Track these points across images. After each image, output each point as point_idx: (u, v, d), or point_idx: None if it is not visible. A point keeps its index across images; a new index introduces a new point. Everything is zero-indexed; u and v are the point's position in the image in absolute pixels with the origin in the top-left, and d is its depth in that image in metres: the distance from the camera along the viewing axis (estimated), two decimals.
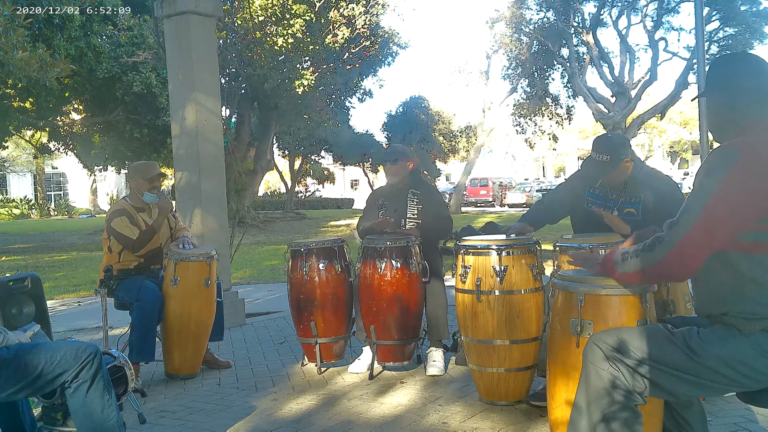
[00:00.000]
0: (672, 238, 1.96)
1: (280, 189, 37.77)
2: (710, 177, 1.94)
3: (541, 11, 24.29)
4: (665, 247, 1.97)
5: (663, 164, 48.53)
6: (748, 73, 2.06)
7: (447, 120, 36.09)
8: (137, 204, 4.32)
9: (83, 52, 12.71)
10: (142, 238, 4.16)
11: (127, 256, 4.23)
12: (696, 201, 1.94)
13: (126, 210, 4.25)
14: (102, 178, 39.52)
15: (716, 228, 1.92)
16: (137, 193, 4.32)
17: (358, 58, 18.70)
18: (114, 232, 4.18)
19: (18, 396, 2.44)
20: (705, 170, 1.97)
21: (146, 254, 4.25)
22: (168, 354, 4.24)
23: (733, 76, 2.07)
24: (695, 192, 1.96)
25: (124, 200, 4.39)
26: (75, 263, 12.71)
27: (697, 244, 1.94)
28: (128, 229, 4.17)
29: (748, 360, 1.94)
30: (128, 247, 4.17)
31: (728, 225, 1.91)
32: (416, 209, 4.28)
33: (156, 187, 4.32)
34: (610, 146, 3.42)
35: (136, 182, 4.32)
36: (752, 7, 21.39)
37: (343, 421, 3.33)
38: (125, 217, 4.20)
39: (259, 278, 9.63)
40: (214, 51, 5.89)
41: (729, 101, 2.06)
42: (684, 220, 1.95)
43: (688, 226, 1.94)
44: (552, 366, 2.45)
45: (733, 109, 2.05)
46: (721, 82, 2.10)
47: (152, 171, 4.33)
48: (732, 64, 2.13)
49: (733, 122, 2.05)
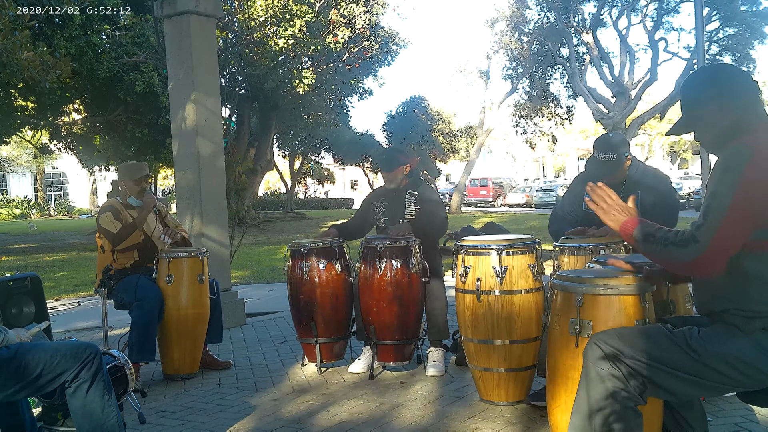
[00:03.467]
0: (704, 239, 1.90)
1: (280, 189, 37.77)
2: (728, 175, 1.91)
3: (542, 11, 24.31)
4: (699, 249, 1.91)
5: (663, 164, 48.51)
6: (741, 77, 2.09)
7: (447, 120, 36.10)
8: (126, 201, 4.35)
9: (83, 51, 12.70)
10: (121, 232, 4.18)
11: (121, 256, 4.24)
12: (718, 201, 1.91)
13: (113, 206, 4.28)
14: (102, 178, 39.47)
15: (741, 226, 1.90)
16: (126, 193, 4.35)
17: (358, 58, 18.68)
18: (100, 228, 4.23)
19: (18, 396, 2.44)
20: (722, 169, 1.95)
21: (136, 249, 4.26)
22: (166, 354, 4.24)
23: (729, 81, 2.08)
24: (715, 193, 1.93)
25: (115, 198, 4.42)
26: (75, 263, 12.71)
27: (727, 245, 1.91)
28: (111, 224, 4.20)
29: (749, 359, 1.94)
30: (110, 241, 4.20)
31: (750, 222, 1.89)
32: (414, 210, 4.28)
33: (142, 188, 4.34)
34: (613, 145, 3.46)
35: (124, 183, 4.35)
36: (752, 7, 21.41)
37: (343, 421, 3.33)
38: (110, 213, 4.23)
39: (259, 278, 9.63)
40: (214, 51, 5.89)
41: (726, 107, 2.05)
42: (711, 222, 1.91)
43: (716, 228, 1.89)
44: (551, 366, 2.45)
45: (731, 115, 2.04)
46: (716, 91, 2.08)
47: (139, 172, 4.34)
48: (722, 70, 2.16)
49: (732, 127, 2.04)
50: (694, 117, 2.13)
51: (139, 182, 4.32)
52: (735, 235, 1.90)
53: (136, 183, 4.31)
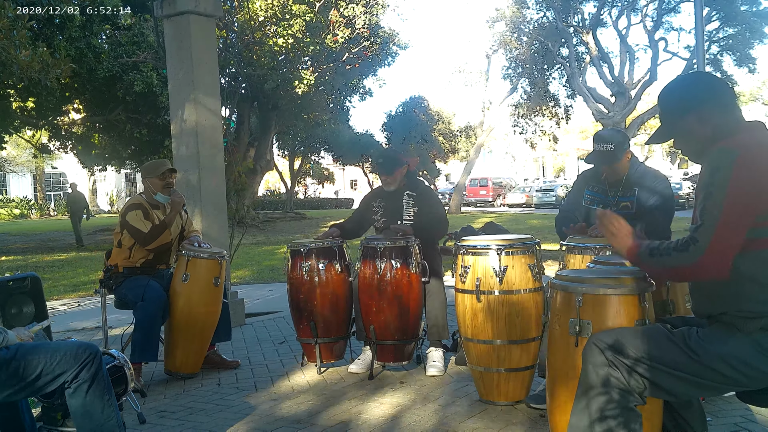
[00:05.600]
0: (704, 239, 1.92)
1: (279, 189, 37.77)
2: (718, 175, 1.92)
3: (541, 11, 24.32)
4: (700, 249, 1.92)
5: (663, 164, 48.55)
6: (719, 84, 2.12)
7: (447, 120, 36.09)
8: (152, 201, 4.34)
9: (83, 52, 12.71)
10: (153, 232, 4.17)
11: (136, 253, 4.22)
12: (712, 201, 1.91)
13: (142, 205, 4.27)
14: (102, 178, 39.55)
15: (739, 223, 1.90)
16: (150, 191, 4.34)
17: (358, 58, 18.69)
18: (128, 225, 4.18)
19: (18, 396, 2.44)
20: (710, 170, 1.95)
21: (155, 251, 4.25)
22: (170, 351, 4.24)
23: (710, 89, 2.10)
24: (708, 193, 1.93)
25: (140, 196, 4.42)
26: (75, 263, 12.72)
27: (727, 242, 1.91)
28: (141, 222, 4.18)
29: (748, 359, 1.94)
30: (139, 241, 4.17)
31: (747, 218, 1.90)
32: (412, 211, 4.28)
33: (169, 183, 4.32)
34: (612, 136, 3.55)
35: (149, 181, 4.34)
36: (752, 7, 21.42)
37: (343, 421, 3.33)
38: (140, 211, 4.21)
39: (259, 278, 9.63)
40: (214, 51, 5.89)
41: (706, 116, 2.06)
42: (708, 221, 1.92)
43: (714, 227, 1.90)
44: (551, 366, 2.45)
45: (712, 122, 2.06)
46: (696, 99, 2.09)
47: (162, 168, 4.33)
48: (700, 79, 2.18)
49: (714, 133, 2.05)
50: (673, 127, 2.15)
51: (163, 177, 4.30)
52: (734, 232, 1.91)
53: (161, 178, 4.29)
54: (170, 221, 4.24)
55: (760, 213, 1.90)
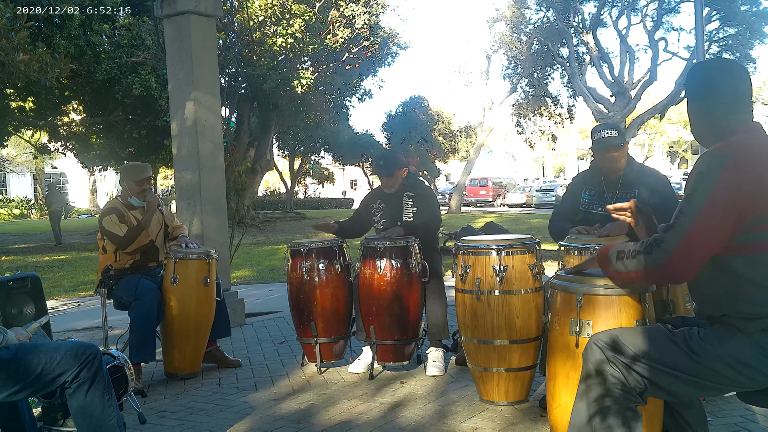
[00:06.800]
0: (671, 241, 1.93)
1: (279, 189, 37.78)
2: (702, 181, 1.92)
3: (541, 11, 24.31)
4: (665, 251, 1.94)
5: (663, 164, 48.54)
6: (724, 81, 2.06)
7: (447, 120, 36.12)
8: (127, 203, 4.35)
9: (83, 51, 12.69)
10: (129, 234, 4.18)
11: (122, 256, 4.24)
12: (691, 205, 1.92)
13: (116, 208, 4.28)
14: (102, 178, 39.55)
15: (714, 231, 1.90)
16: (127, 193, 4.35)
17: (358, 58, 18.69)
18: (104, 231, 4.21)
19: (18, 396, 2.44)
20: (696, 174, 1.96)
21: (140, 251, 4.26)
22: (168, 353, 4.25)
23: (710, 85, 2.08)
24: (689, 196, 1.94)
25: (116, 199, 4.43)
26: (75, 263, 12.71)
27: (696, 248, 1.91)
28: (117, 227, 4.19)
29: (749, 360, 1.94)
30: (117, 244, 4.19)
31: (725, 227, 1.90)
32: (412, 212, 4.29)
33: (144, 190, 4.34)
34: (613, 125, 3.61)
35: (126, 184, 4.36)
36: (752, 7, 21.42)
37: (343, 421, 3.33)
38: (114, 216, 4.22)
39: (259, 278, 9.63)
40: (214, 51, 5.89)
41: (708, 109, 2.07)
42: (681, 224, 1.92)
43: (685, 231, 1.91)
44: (552, 366, 2.45)
45: (713, 116, 2.06)
46: (698, 92, 2.10)
47: (142, 174, 4.33)
48: (708, 71, 2.13)
49: (715, 128, 2.06)
50: (689, 107, 2.16)
51: (141, 183, 4.32)
52: (707, 238, 1.90)
53: (138, 184, 4.31)
54: (146, 222, 4.26)
55: (753, 217, 1.89)
